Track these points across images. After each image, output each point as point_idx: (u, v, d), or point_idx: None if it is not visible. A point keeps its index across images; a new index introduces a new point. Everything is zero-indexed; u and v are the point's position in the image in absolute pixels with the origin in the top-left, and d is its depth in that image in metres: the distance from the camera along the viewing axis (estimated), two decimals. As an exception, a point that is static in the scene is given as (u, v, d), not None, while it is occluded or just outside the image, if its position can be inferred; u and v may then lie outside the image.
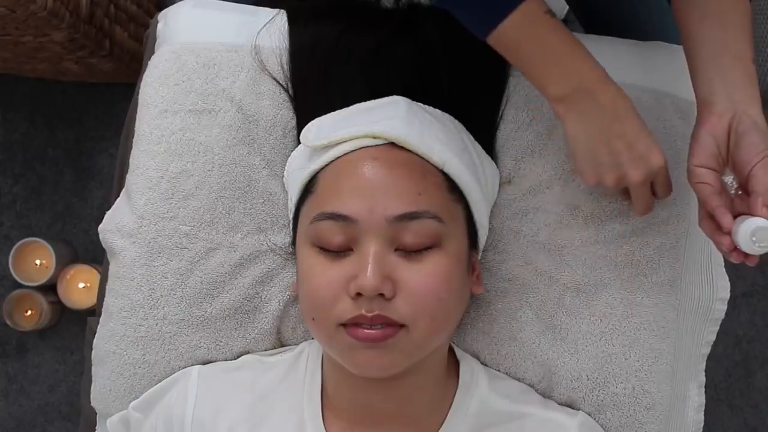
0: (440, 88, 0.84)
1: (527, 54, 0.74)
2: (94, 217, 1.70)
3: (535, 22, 0.72)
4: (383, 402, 0.79)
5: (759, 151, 0.70)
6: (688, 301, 0.88)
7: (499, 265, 0.87)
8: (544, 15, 0.72)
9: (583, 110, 0.74)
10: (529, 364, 0.86)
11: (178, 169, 0.87)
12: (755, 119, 0.71)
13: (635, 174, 0.75)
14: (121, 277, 0.87)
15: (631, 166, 0.74)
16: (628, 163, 0.74)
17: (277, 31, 0.89)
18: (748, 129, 0.70)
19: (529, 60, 0.74)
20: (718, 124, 0.71)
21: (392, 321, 0.70)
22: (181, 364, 0.86)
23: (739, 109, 0.71)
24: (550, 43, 0.73)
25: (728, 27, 0.73)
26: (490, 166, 0.84)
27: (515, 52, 0.74)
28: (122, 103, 1.51)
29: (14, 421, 1.68)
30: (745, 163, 0.70)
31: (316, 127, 0.78)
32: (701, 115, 0.73)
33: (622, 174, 0.75)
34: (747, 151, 0.70)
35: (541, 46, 0.73)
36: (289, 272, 0.88)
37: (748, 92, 0.72)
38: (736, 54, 0.72)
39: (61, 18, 1.27)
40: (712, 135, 0.72)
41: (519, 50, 0.74)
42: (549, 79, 0.74)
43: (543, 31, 0.73)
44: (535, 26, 0.72)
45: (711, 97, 0.72)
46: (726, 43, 0.72)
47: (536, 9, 0.72)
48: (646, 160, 0.74)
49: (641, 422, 0.85)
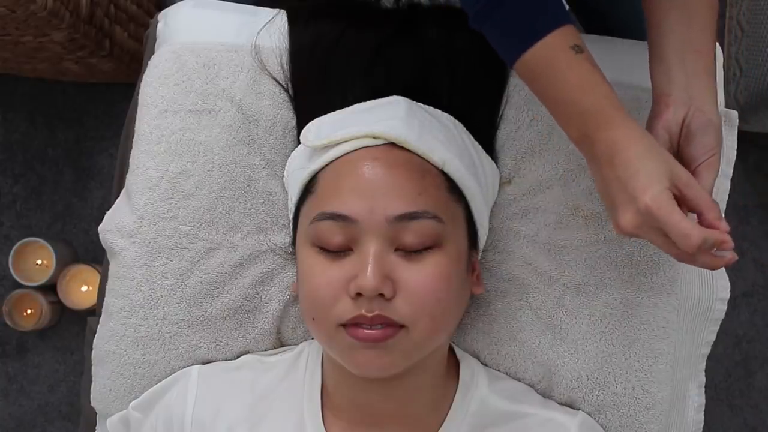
0: (440, 88, 0.84)
1: (541, 91, 0.72)
2: (94, 217, 1.70)
3: (555, 58, 0.69)
4: (383, 402, 0.79)
5: (707, 149, 0.70)
6: (687, 301, 0.88)
7: (499, 265, 0.87)
8: (567, 50, 0.69)
9: (591, 157, 0.71)
10: (529, 364, 0.86)
11: (178, 169, 0.87)
12: (710, 116, 0.71)
13: (623, 218, 0.67)
14: (121, 277, 0.87)
15: (620, 209, 0.67)
16: (619, 206, 0.68)
17: (277, 31, 0.89)
18: (701, 126, 0.71)
19: (543, 98, 0.72)
20: (673, 117, 0.72)
21: (392, 321, 0.70)
22: (181, 364, 0.86)
23: (694, 105, 0.71)
24: (561, 82, 0.69)
25: (694, 21, 0.73)
26: (490, 166, 0.84)
27: (531, 86, 0.72)
28: (122, 103, 1.51)
29: (14, 421, 1.68)
30: (691, 160, 0.71)
31: (316, 127, 0.78)
32: (656, 107, 0.73)
33: (615, 220, 0.69)
34: (696, 148, 0.70)
35: (553, 85, 0.70)
36: (289, 272, 0.88)
37: (706, 86, 0.72)
38: (698, 48, 0.72)
39: (61, 18, 1.27)
40: (665, 129, 0.72)
41: (534, 86, 0.72)
42: (561, 122, 0.72)
43: (559, 69, 0.69)
44: (553, 63, 0.69)
45: (668, 89, 0.72)
46: (690, 36, 0.72)
47: (560, 43, 0.69)
48: (633, 200, 0.66)
49: (641, 422, 0.85)
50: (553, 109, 0.72)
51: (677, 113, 0.71)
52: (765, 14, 1.46)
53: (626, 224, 0.67)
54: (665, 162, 0.66)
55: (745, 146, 1.12)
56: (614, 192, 0.68)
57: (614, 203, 0.68)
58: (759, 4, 1.49)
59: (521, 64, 0.70)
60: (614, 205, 0.68)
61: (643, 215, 0.65)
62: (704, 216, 0.66)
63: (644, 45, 0.91)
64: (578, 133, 0.70)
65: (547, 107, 0.73)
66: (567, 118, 0.71)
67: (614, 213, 0.69)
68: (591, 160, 0.71)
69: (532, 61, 0.69)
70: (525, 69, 0.70)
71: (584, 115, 0.69)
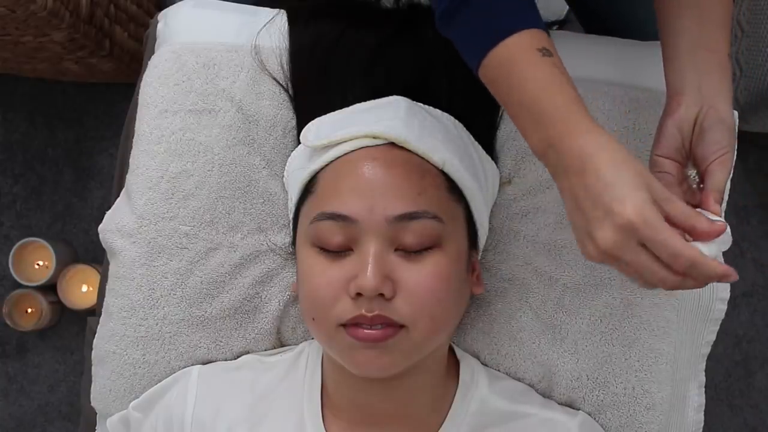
0: (440, 88, 0.84)
1: (504, 93, 0.67)
2: (94, 217, 1.69)
3: (518, 58, 0.65)
4: (383, 402, 0.79)
5: (719, 147, 0.69)
6: (687, 301, 0.88)
7: (499, 265, 0.87)
8: (532, 51, 0.65)
9: (555, 171, 0.64)
10: (529, 364, 0.86)
11: (178, 169, 0.87)
12: (722, 115, 0.70)
13: (601, 234, 0.59)
14: (121, 277, 0.87)
15: (596, 225, 0.60)
16: (594, 221, 0.60)
17: (277, 31, 0.89)
18: (713, 124, 0.69)
19: (506, 102, 0.67)
20: (685, 116, 0.71)
21: (392, 321, 0.70)
22: (181, 364, 0.86)
23: (706, 103, 0.70)
24: (524, 82, 0.64)
25: (706, 20, 0.72)
26: (490, 166, 0.84)
27: (494, 90, 0.68)
28: (122, 103, 1.51)
29: (14, 421, 1.68)
30: (703, 158, 0.69)
31: (316, 127, 0.78)
32: (669, 106, 0.73)
33: (592, 238, 0.61)
34: (708, 146, 0.69)
35: (516, 87, 0.65)
36: (289, 272, 0.88)
37: (719, 86, 0.71)
38: (711, 47, 0.71)
39: (61, 18, 1.27)
40: (677, 127, 0.71)
41: (497, 88, 0.67)
42: (527, 134, 0.66)
43: (522, 68, 0.64)
44: (516, 62, 0.65)
45: (681, 88, 0.72)
46: (702, 35, 0.72)
47: (526, 44, 0.65)
48: (609, 214, 0.59)
49: (641, 422, 0.85)
50: (515, 114, 0.67)
51: (689, 112, 0.70)
52: (765, 14, 1.46)
53: (603, 243, 0.59)
54: (642, 174, 0.60)
55: (745, 146, 1.12)
56: (586, 207, 0.60)
57: (586, 220, 0.61)
58: (759, 4, 1.49)
59: (484, 68, 0.66)
60: (586, 223, 0.61)
61: (623, 231, 0.58)
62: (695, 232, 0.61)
63: (644, 45, 0.91)
64: (542, 143, 0.64)
65: (510, 113, 0.68)
66: (529, 123, 0.65)
67: (586, 233, 0.61)
68: (557, 174, 0.64)
69: (495, 60, 0.65)
70: (488, 71, 0.66)
71: (549, 121, 0.63)
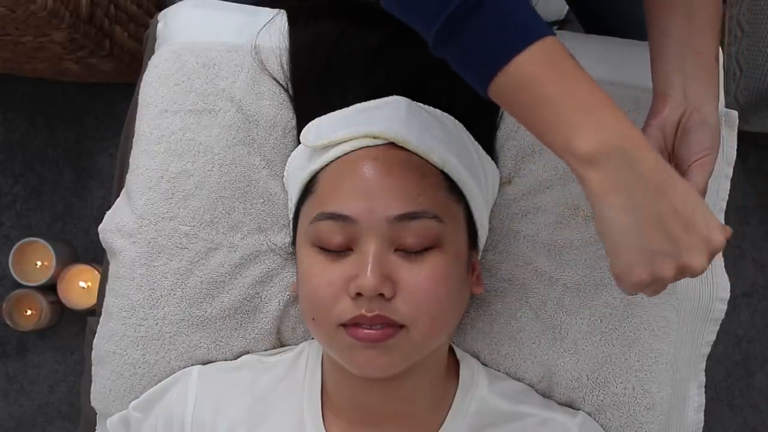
0: (440, 88, 0.84)
1: (550, 95, 0.58)
2: (94, 217, 1.70)
3: (561, 59, 0.59)
4: (383, 402, 0.79)
5: (701, 149, 0.69)
6: (687, 301, 0.88)
7: (499, 265, 0.87)
8: (569, 56, 0.60)
9: (625, 183, 0.57)
10: (529, 364, 0.86)
11: (178, 169, 0.87)
12: (706, 117, 0.70)
13: (699, 261, 0.59)
14: (121, 277, 0.87)
15: (694, 252, 0.58)
16: (690, 248, 0.58)
17: (277, 31, 0.89)
18: (696, 125, 0.70)
19: (551, 105, 0.59)
20: (669, 117, 0.71)
21: (392, 321, 0.70)
22: (181, 364, 0.86)
23: (691, 105, 0.70)
24: (581, 84, 0.59)
25: (694, 21, 0.72)
26: (490, 166, 0.84)
27: (531, 93, 0.59)
28: (122, 103, 1.51)
29: (14, 421, 1.68)
30: (684, 159, 0.70)
31: (316, 127, 0.78)
32: (654, 107, 0.73)
33: (683, 264, 0.59)
34: (689, 147, 0.69)
35: (570, 86, 0.59)
36: (289, 272, 0.88)
37: (704, 88, 0.71)
38: (698, 49, 0.71)
39: (61, 18, 1.27)
40: (660, 128, 0.71)
41: (538, 91, 0.59)
42: (579, 132, 0.58)
43: (571, 69, 0.59)
44: (561, 62, 0.59)
45: (666, 89, 0.72)
46: (690, 37, 0.72)
47: (560, 46, 0.60)
48: (708, 242, 0.59)
49: (641, 422, 0.85)
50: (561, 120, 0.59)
51: (673, 113, 0.71)
52: (765, 14, 1.46)
53: (699, 267, 0.58)
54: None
55: (745, 146, 1.12)
56: (674, 230, 0.58)
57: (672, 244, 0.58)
58: (759, 4, 1.49)
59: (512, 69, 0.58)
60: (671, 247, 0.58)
61: (712, 256, 0.59)
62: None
63: (644, 45, 0.91)
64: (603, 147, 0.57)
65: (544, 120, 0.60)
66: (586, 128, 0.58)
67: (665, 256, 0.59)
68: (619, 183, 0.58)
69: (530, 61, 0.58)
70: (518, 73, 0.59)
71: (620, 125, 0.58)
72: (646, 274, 0.60)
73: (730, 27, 1.60)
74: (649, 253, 0.59)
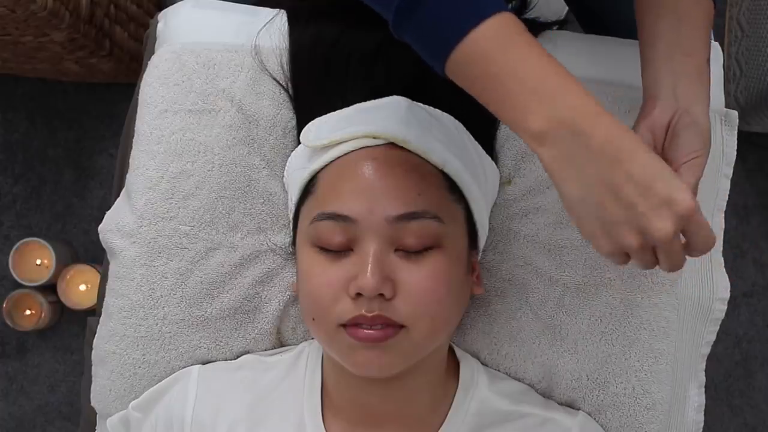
0: (440, 88, 0.84)
1: (500, 72, 0.59)
2: (94, 217, 1.70)
3: (514, 35, 0.59)
4: (383, 402, 0.79)
5: (691, 150, 0.69)
6: (687, 301, 0.88)
7: (499, 265, 0.87)
8: (524, 30, 0.60)
9: (572, 155, 0.58)
10: (529, 364, 0.86)
11: (178, 169, 0.87)
12: (696, 119, 0.70)
13: (659, 224, 0.57)
14: (121, 277, 0.87)
15: (652, 216, 0.57)
16: (650, 213, 0.57)
17: (277, 31, 0.89)
18: (686, 127, 0.69)
19: (502, 82, 0.59)
20: (658, 119, 0.71)
21: (392, 321, 0.70)
22: (181, 364, 0.86)
23: (681, 107, 0.70)
24: (531, 61, 0.59)
25: (684, 23, 0.72)
26: (490, 166, 0.84)
27: (483, 70, 0.59)
28: (122, 103, 1.51)
29: (14, 421, 1.68)
30: (674, 161, 0.69)
31: (316, 127, 0.78)
32: (644, 109, 0.73)
33: (642, 229, 0.58)
34: (679, 149, 0.69)
35: (520, 65, 0.59)
36: (289, 272, 0.88)
37: (694, 90, 0.71)
38: (687, 51, 0.71)
39: (61, 18, 1.27)
40: (650, 130, 0.71)
41: (490, 68, 0.59)
42: (529, 110, 0.58)
43: (523, 47, 0.59)
44: (513, 39, 0.59)
45: (656, 91, 0.72)
46: (680, 39, 0.72)
47: (515, 22, 0.60)
48: (671, 204, 0.57)
49: (641, 422, 0.85)
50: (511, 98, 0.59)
51: (663, 115, 0.71)
52: (765, 14, 1.47)
53: (662, 232, 0.57)
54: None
55: (745, 146, 1.12)
56: (630, 196, 0.57)
57: (630, 210, 0.57)
58: (759, 4, 1.49)
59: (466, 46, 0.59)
60: (630, 214, 0.57)
61: (683, 219, 0.57)
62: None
63: (643, 45, 0.91)
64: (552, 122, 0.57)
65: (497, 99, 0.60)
66: (534, 106, 0.58)
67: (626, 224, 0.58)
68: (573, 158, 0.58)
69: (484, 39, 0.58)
70: (472, 50, 0.59)
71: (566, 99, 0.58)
72: (608, 244, 0.60)
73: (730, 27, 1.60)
74: (607, 224, 0.59)
